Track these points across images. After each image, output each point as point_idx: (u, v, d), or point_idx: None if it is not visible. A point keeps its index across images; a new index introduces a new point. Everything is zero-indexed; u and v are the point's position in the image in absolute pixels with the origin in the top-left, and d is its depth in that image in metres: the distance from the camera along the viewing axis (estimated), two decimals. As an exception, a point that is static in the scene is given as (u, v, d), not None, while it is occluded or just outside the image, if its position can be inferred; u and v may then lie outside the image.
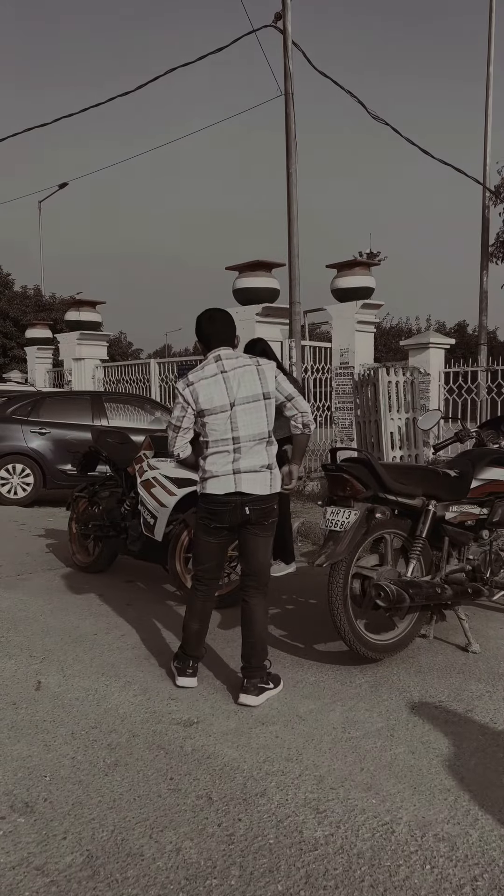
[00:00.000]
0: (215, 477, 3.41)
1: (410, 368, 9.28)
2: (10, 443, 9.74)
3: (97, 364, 15.71)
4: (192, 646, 3.60)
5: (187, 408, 3.46)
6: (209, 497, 3.45)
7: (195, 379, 3.43)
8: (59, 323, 20.70)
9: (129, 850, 2.27)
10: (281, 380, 3.50)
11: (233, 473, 3.38)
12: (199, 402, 3.40)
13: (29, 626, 4.53)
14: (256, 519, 3.42)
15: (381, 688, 3.55)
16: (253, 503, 3.39)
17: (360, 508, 3.70)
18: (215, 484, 3.41)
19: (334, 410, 11.31)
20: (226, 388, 3.38)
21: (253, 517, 3.41)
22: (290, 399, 3.50)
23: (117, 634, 4.37)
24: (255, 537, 3.47)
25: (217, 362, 3.45)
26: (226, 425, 3.38)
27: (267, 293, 11.20)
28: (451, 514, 4.05)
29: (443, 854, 2.24)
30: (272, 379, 3.44)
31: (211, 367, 3.44)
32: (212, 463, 3.43)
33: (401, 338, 23.19)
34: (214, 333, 3.52)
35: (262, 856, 2.24)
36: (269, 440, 3.45)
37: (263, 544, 3.50)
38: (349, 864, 2.19)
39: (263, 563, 3.53)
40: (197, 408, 3.42)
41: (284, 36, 9.81)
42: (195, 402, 3.41)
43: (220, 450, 3.40)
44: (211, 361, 3.47)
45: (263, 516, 3.44)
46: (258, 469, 3.40)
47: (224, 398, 3.38)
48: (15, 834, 2.36)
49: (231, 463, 3.39)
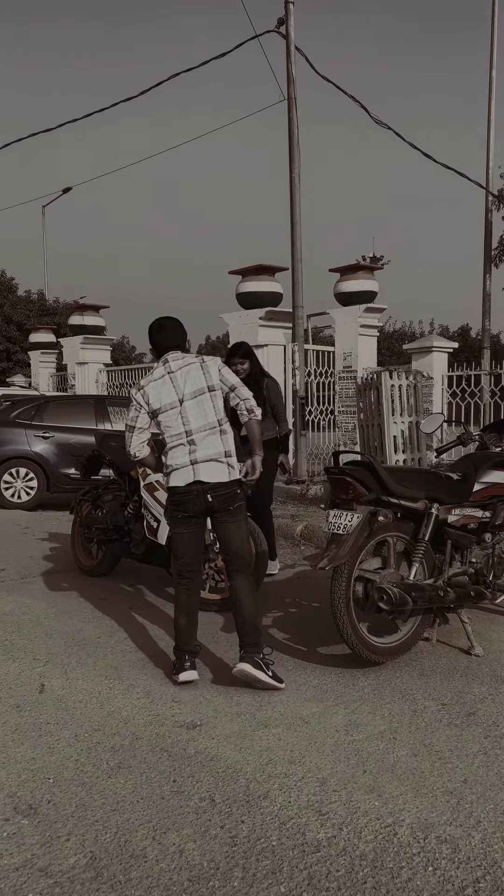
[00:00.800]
0: (176, 469, 3.64)
1: (413, 372, 9.29)
2: (14, 447, 9.77)
3: (100, 368, 15.75)
4: (185, 641, 3.70)
5: (140, 409, 3.70)
6: (173, 489, 3.68)
7: (145, 383, 3.71)
8: (62, 327, 20.78)
9: (133, 851, 2.28)
10: (225, 372, 3.74)
11: (191, 464, 3.60)
12: (150, 402, 3.66)
13: (32, 629, 4.54)
14: (220, 506, 3.61)
15: (383, 691, 3.55)
16: (213, 490, 3.59)
17: (362, 511, 3.70)
18: (176, 476, 3.64)
19: (337, 414, 11.32)
20: (173, 387, 3.64)
21: (216, 504, 3.61)
22: (232, 389, 3.72)
23: (120, 637, 4.38)
24: (226, 524, 3.65)
25: (164, 364, 3.71)
26: (177, 420, 3.62)
27: (270, 297, 11.23)
28: (453, 517, 4.05)
29: (445, 856, 2.25)
30: (216, 372, 3.69)
31: (159, 370, 3.71)
32: (172, 457, 3.65)
33: (404, 341, 23.20)
34: (163, 341, 3.78)
35: (264, 857, 2.24)
36: (221, 429, 3.65)
37: (235, 529, 3.67)
38: (352, 866, 2.20)
39: (240, 546, 3.70)
40: (149, 408, 3.67)
41: (287, 41, 9.86)
42: (147, 404, 3.67)
43: (177, 443, 3.63)
44: (159, 365, 3.74)
45: (226, 502, 3.62)
46: (215, 458, 3.61)
47: (172, 395, 3.63)
48: (19, 835, 2.37)
49: (188, 455, 3.61)
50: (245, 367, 5.56)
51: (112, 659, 4.01)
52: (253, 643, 3.56)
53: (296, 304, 9.96)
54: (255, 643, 3.57)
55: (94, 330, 16.02)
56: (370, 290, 11.29)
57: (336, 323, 11.45)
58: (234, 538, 3.68)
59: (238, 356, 5.59)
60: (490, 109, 14.91)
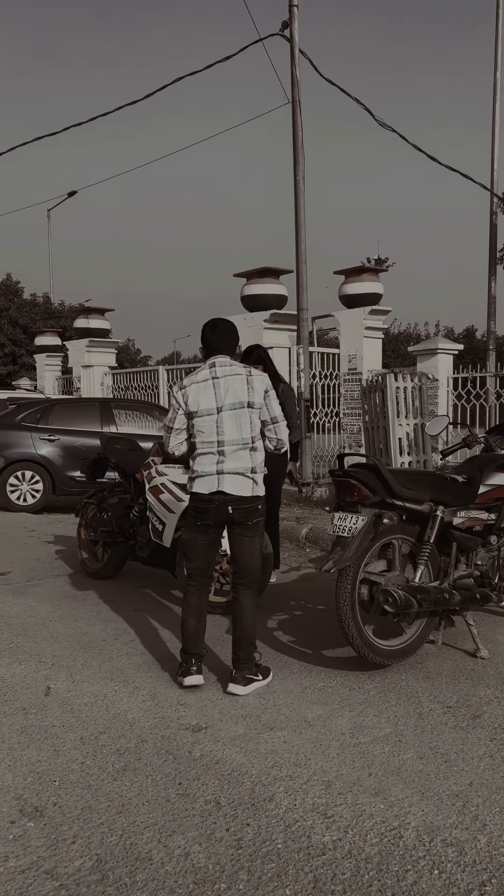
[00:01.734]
0: (201, 476, 3.62)
1: (419, 374, 9.28)
2: (20, 450, 9.79)
3: (106, 371, 15.78)
4: (192, 643, 3.69)
5: (178, 409, 3.65)
6: (196, 495, 3.66)
7: (188, 383, 3.64)
8: (68, 330, 20.81)
9: (138, 854, 2.28)
10: (272, 397, 3.68)
11: (216, 474, 3.57)
12: (188, 404, 3.60)
13: (38, 631, 4.55)
14: (240, 519, 3.60)
15: (389, 693, 3.55)
16: (235, 503, 3.57)
17: (367, 514, 3.70)
18: (201, 483, 3.62)
19: (342, 416, 11.32)
20: (214, 394, 3.57)
21: (236, 517, 3.59)
22: (274, 422, 3.67)
23: (126, 640, 4.38)
24: (241, 537, 3.65)
25: (210, 368, 3.64)
26: (212, 428, 3.57)
27: (275, 300, 11.24)
28: (458, 519, 4.05)
29: (451, 859, 2.24)
30: (261, 392, 3.62)
31: (204, 372, 3.65)
32: (199, 463, 3.63)
33: (409, 343, 23.19)
34: (214, 341, 3.72)
35: (270, 860, 2.24)
36: (252, 446, 3.61)
37: (249, 543, 3.67)
38: (357, 869, 2.20)
39: (250, 561, 3.69)
40: (187, 409, 3.62)
41: (291, 44, 9.87)
42: (185, 405, 3.62)
43: (207, 451, 3.60)
44: (205, 367, 3.67)
45: (247, 517, 3.61)
46: (241, 472, 3.58)
47: (212, 402, 3.57)
48: (25, 838, 2.37)
49: (216, 464, 3.58)
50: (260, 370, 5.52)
51: (117, 661, 4.02)
52: (246, 659, 3.61)
53: (301, 306, 9.97)
54: (249, 659, 3.62)
55: (100, 333, 16.06)
56: (375, 292, 11.29)
57: (341, 325, 11.45)
58: (247, 552, 3.67)
59: (252, 362, 5.47)
60: (494, 111, 14.91)
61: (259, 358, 5.55)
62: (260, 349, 5.68)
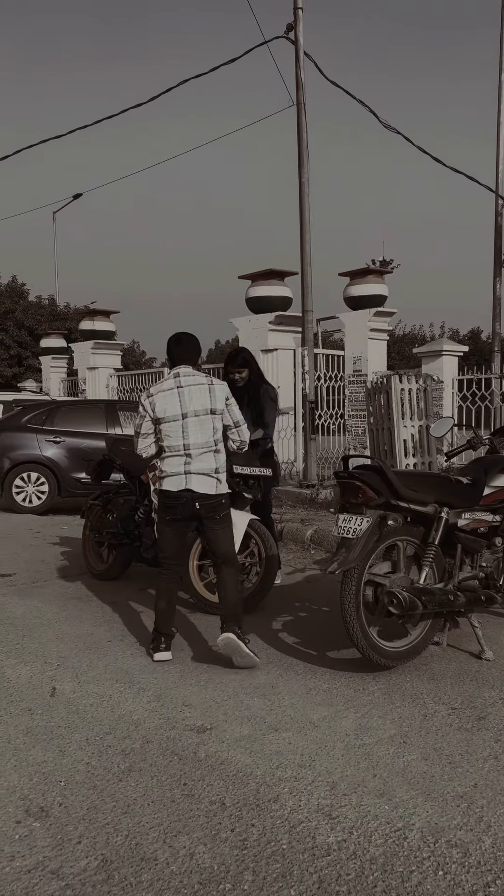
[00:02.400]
0: (170, 476, 4.00)
1: (424, 376, 9.27)
2: (25, 451, 9.82)
3: (111, 373, 15.81)
4: (163, 623, 4.10)
5: (146, 416, 4.01)
6: (165, 493, 4.05)
7: (155, 391, 4.02)
8: (73, 332, 20.87)
9: (144, 854, 2.29)
10: (232, 404, 4.08)
11: (184, 474, 3.96)
12: (155, 410, 3.97)
13: (44, 632, 4.57)
14: (207, 514, 4.01)
15: (393, 695, 3.55)
16: (201, 500, 3.97)
17: (372, 515, 3.71)
18: (170, 482, 4.00)
19: (347, 418, 11.32)
20: (179, 401, 3.95)
21: (203, 512, 4.00)
22: (236, 426, 4.11)
23: (131, 641, 4.40)
24: (213, 530, 4.07)
25: (175, 378, 4.02)
26: (178, 433, 3.94)
27: (280, 301, 11.25)
28: (463, 521, 4.05)
29: (455, 860, 2.25)
30: (222, 399, 4.01)
31: (169, 381, 4.02)
32: (167, 464, 4.01)
33: (414, 345, 23.17)
34: (180, 353, 4.12)
35: (274, 861, 2.25)
36: (216, 449, 4.01)
37: (221, 533, 4.10)
38: (362, 870, 2.20)
39: (226, 548, 4.13)
40: (154, 416, 3.98)
41: (296, 47, 9.89)
42: (153, 411, 3.98)
43: (174, 454, 3.98)
44: (171, 377, 4.05)
45: (213, 511, 4.02)
46: (206, 472, 3.98)
47: (177, 409, 3.94)
48: (31, 838, 2.39)
49: (183, 465, 3.97)
50: (244, 376, 5.53)
51: (123, 662, 4.03)
52: (235, 621, 3.93)
53: (305, 308, 9.97)
54: (237, 622, 3.94)
55: (105, 335, 16.09)
56: (380, 294, 11.29)
57: (346, 327, 11.45)
58: (221, 541, 4.10)
59: (236, 365, 5.54)
60: (499, 113, 14.87)
61: (244, 361, 5.57)
62: (245, 353, 5.71)
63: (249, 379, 5.55)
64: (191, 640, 4.41)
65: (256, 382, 5.58)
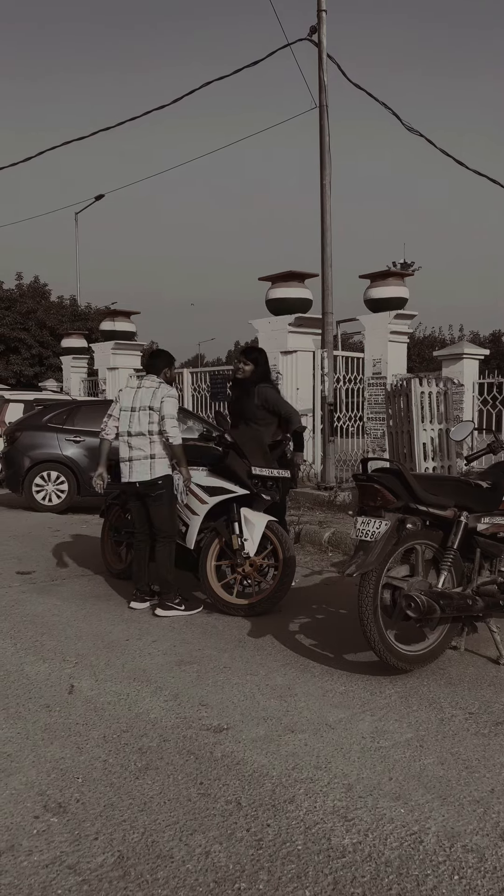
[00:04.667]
0: (121, 462, 5.08)
1: (444, 379, 9.23)
2: (46, 450, 9.89)
3: (131, 373, 15.86)
4: (137, 579, 5.22)
5: (115, 405, 5.16)
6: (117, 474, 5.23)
7: (123, 387, 5.22)
8: (94, 332, 20.98)
9: (160, 852, 2.31)
10: (166, 402, 4.93)
11: (128, 460, 5.02)
12: (120, 401, 5.12)
13: (62, 630, 4.61)
14: (144, 492, 5.02)
15: (410, 698, 3.54)
16: (140, 481, 4.99)
17: (390, 519, 3.70)
18: (122, 468, 5.08)
19: (366, 420, 11.30)
20: (133, 397, 5.05)
21: (142, 490, 5.02)
22: (162, 418, 4.93)
23: (148, 640, 4.42)
24: (150, 506, 5.05)
25: (139, 380, 5.15)
26: (126, 421, 5.04)
27: (299, 303, 11.25)
28: (483, 525, 4.03)
29: (471, 865, 2.24)
30: (159, 399, 4.95)
31: (134, 382, 5.16)
32: (120, 449, 5.07)
33: (434, 348, 23.05)
34: (148, 366, 5.32)
35: (290, 861, 2.26)
36: (151, 438, 4.96)
37: (157, 509, 5.01)
38: (377, 872, 2.20)
39: (161, 522, 5.03)
40: (119, 405, 5.10)
41: (319, 49, 9.90)
42: (118, 401, 5.14)
43: (122, 440, 5.06)
44: (137, 380, 5.16)
45: (149, 490, 4.99)
46: (141, 457, 4.97)
47: (129, 402, 5.05)
48: (48, 833, 2.41)
49: (127, 452, 5.04)
50: (247, 369, 5.74)
51: (140, 661, 4.06)
52: (163, 592, 4.97)
53: (325, 310, 9.97)
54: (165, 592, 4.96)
55: (125, 335, 16.18)
56: (400, 296, 11.26)
57: (366, 329, 11.43)
58: (156, 516, 5.03)
59: (242, 355, 5.90)
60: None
61: (250, 356, 5.86)
62: (255, 352, 5.95)
63: (250, 375, 5.74)
64: (209, 641, 4.43)
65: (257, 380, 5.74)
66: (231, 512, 5.00)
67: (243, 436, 5.30)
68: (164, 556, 5.03)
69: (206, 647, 4.32)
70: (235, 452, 5.08)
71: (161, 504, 4.99)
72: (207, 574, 5.03)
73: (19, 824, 2.46)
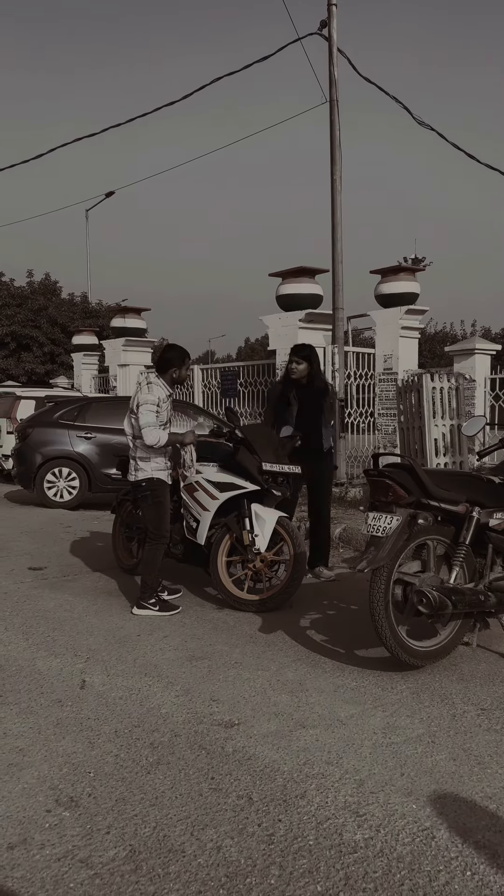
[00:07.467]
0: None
1: (455, 374, 9.19)
2: (57, 447, 9.93)
3: (142, 370, 15.83)
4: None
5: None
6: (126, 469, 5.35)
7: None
8: (105, 329, 21.02)
9: (171, 846, 2.31)
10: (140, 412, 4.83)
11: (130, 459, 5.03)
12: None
13: (74, 625, 4.62)
14: (133, 493, 5.19)
15: (422, 694, 3.53)
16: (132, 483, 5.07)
17: (402, 514, 3.69)
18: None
19: (377, 416, 11.26)
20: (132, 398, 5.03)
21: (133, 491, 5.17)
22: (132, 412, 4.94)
23: (160, 636, 4.43)
24: (140, 507, 5.14)
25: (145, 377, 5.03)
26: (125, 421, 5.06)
27: (310, 299, 11.21)
28: (495, 520, 4.01)
29: (484, 861, 2.23)
30: (136, 399, 4.91)
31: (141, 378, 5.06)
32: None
33: (445, 343, 22.94)
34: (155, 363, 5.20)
35: (301, 856, 2.26)
36: (134, 442, 4.93)
37: (144, 511, 5.04)
38: (389, 868, 2.20)
39: (148, 521, 4.98)
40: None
41: (329, 43, 9.85)
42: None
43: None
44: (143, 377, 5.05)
45: (136, 491, 5.07)
46: (131, 458, 4.99)
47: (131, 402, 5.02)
48: (60, 827, 2.42)
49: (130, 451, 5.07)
50: (301, 368, 5.67)
51: (152, 656, 4.06)
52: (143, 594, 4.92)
53: (336, 305, 9.94)
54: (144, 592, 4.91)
55: (136, 332, 16.20)
56: (412, 291, 11.20)
57: (377, 325, 11.39)
58: (144, 516, 5.06)
59: (293, 354, 5.76)
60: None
61: (303, 354, 5.76)
62: (306, 349, 5.82)
63: (307, 376, 5.69)
64: (220, 636, 4.43)
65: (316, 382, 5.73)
66: (242, 508, 5.00)
67: (254, 431, 5.30)
68: (149, 556, 4.97)
69: (217, 642, 4.32)
70: (246, 448, 5.08)
71: (146, 506, 4.97)
72: (218, 570, 5.03)
73: (31, 818, 2.47)
